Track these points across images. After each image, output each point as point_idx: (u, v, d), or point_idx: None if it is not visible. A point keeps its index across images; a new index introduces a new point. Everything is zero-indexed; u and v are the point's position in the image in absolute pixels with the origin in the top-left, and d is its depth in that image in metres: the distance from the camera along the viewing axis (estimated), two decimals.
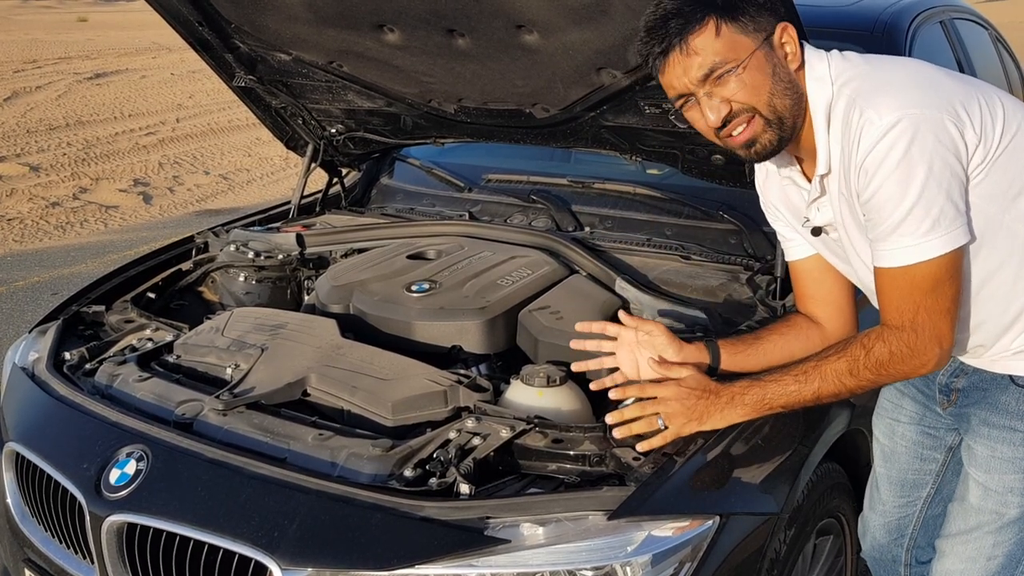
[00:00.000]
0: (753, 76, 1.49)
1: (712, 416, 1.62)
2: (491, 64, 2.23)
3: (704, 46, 1.47)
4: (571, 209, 2.63)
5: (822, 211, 1.65)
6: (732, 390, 1.62)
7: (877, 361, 1.53)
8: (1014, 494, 1.66)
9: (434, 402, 1.79)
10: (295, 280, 2.64)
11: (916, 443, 1.92)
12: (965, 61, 3.41)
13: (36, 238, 6.89)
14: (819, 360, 1.59)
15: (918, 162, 1.41)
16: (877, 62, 1.55)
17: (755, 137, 1.53)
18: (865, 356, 1.54)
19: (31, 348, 2.22)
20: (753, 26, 1.48)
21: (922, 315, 1.49)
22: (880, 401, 1.99)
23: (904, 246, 1.45)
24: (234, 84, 2.68)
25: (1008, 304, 1.58)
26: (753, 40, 1.48)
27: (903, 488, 1.97)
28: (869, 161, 1.44)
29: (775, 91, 1.50)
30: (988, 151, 1.47)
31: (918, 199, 1.41)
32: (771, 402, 1.61)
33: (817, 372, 1.58)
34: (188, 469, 1.66)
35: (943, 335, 1.50)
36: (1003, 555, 1.68)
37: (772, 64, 1.50)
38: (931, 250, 1.44)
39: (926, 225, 1.43)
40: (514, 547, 1.47)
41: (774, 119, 1.51)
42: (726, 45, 1.47)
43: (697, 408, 1.62)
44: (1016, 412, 1.64)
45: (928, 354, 1.51)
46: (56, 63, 17.49)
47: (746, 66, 1.48)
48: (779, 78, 1.51)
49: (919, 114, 1.42)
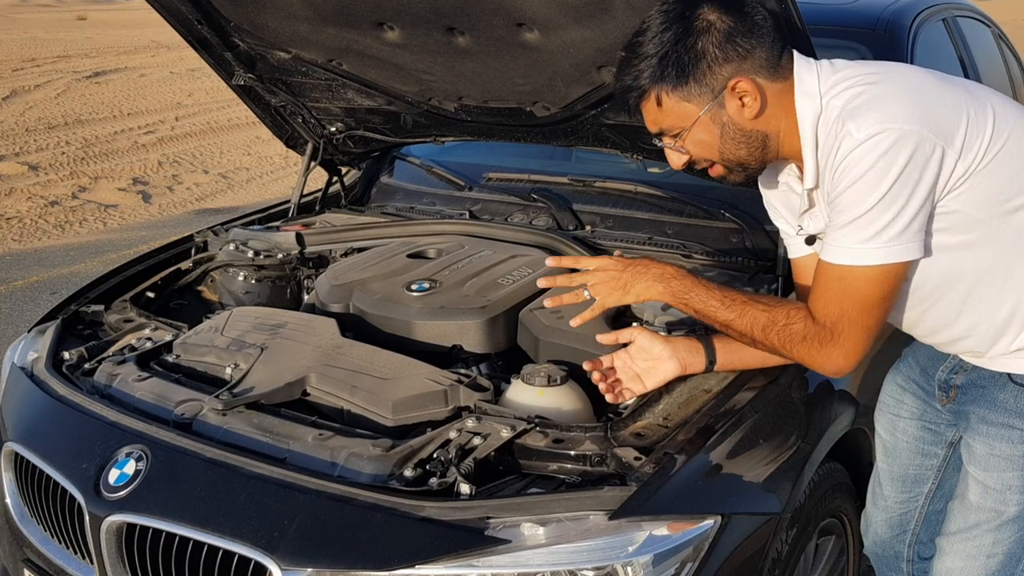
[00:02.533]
0: (700, 137, 1.58)
1: (636, 286, 1.67)
2: (491, 62, 2.22)
3: (649, 115, 1.60)
4: (572, 208, 2.63)
5: (813, 221, 1.67)
6: (665, 270, 1.67)
7: (790, 335, 1.57)
8: (1013, 492, 1.66)
9: (434, 402, 1.78)
10: (295, 279, 2.64)
11: (917, 438, 1.92)
12: (967, 59, 3.41)
13: (35, 237, 6.88)
14: (749, 299, 1.63)
15: (885, 173, 1.42)
16: (870, 71, 1.54)
17: (721, 177, 1.64)
18: (784, 324, 1.57)
19: (30, 348, 2.21)
20: (698, 90, 1.53)
21: (844, 323, 1.52)
22: (882, 396, 2.00)
23: (845, 246, 1.48)
24: (233, 82, 2.67)
25: (999, 305, 1.58)
26: (697, 105, 1.54)
27: (904, 483, 1.98)
28: (842, 167, 1.46)
29: (724, 148, 1.58)
30: (969, 165, 1.47)
31: (873, 206, 1.43)
32: (689, 302, 1.65)
33: (739, 307, 1.62)
34: (187, 469, 1.65)
35: (854, 350, 1.53)
36: (1003, 553, 1.68)
37: (720, 124, 1.55)
38: (866, 257, 1.46)
39: (869, 232, 1.45)
40: (515, 547, 1.46)
41: (734, 166, 1.61)
42: (669, 114, 1.57)
43: (622, 278, 1.68)
44: (1014, 410, 1.65)
45: (833, 361, 1.55)
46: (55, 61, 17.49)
47: (691, 130, 1.56)
48: (728, 136, 1.56)
49: (898, 128, 1.42)
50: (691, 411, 1.72)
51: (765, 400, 1.76)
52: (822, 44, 1.64)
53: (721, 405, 1.71)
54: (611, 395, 1.71)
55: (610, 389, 1.71)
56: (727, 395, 1.74)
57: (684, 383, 1.78)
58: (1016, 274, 1.56)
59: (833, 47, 1.64)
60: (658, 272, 1.67)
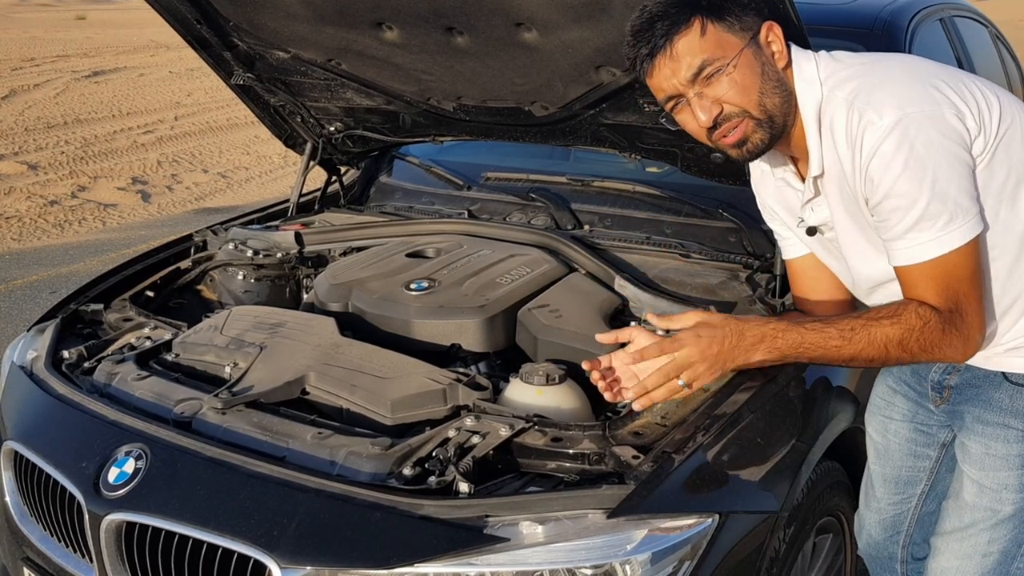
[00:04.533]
0: (743, 75, 1.50)
1: (736, 359, 1.57)
2: (490, 62, 2.23)
3: (691, 46, 1.48)
4: (570, 207, 2.63)
5: (816, 211, 1.66)
6: (763, 330, 1.56)
7: (931, 336, 1.49)
8: (1009, 491, 1.66)
9: (433, 400, 1.79)
10: (294, 278, 2.64)
11: (909, 440, 1.92)
12: (965, 59, 3.41)
13: (34, 236, 6.88)
14: (868, 321, 1.53)
15: (925, 159, 1.41)
16: (869, 61, 1.55)
17: (746, 137, 1.54)
18: (921, 328, 1.50)
19: (29, 347, 2.21)
20: (739, 25, 1.49)
21: (964, 301, 1.49)
22: (872, 398, 1.99)
23: (923, 241, 1.45)
24: (232, 82, 2.68)
25: (1000, 298, 1.58)
26: (740, 39, 1.49)
27: (897, 485, 1.97)
28: (875, 165, 1.44)
29: (764, 90, 1.51)
30: (987, 141, 1.47)
31: (932, 196, 1.42)
32: (806, 351, 1.55)
33: (865, 333, 1.52)
34: (187, 468, 1.65)
35: (982, 321, 1.52)
36: (998, 552, 1.68)
37: (760, 63, 1.51)
38: (951, 242, 1.45)
39: (943, 219, 1.43)
40: (513, 545, 1.47)
41: (764, 119, 1.53)
42: (713, 44, 1.48)
43: (721, 355, 1.56)
44: (1010, 409, 1.64)
45: (973, 338, 1.52)
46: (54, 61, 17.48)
47: (735, 64, 1.49)
48: (768, 77, 1.52)
49: (919, 111, 1.42)
50: (689, 410, 1.72)
51: (763, 399, 1.76)
52: (820, 44, 1.64)
53: (719, 404, 1.71)
54: (610, 394, 1.70)
55: (609, 388, 1.70)
56: (725, 394, 1.74)
57: None
58: (1017, 270, 1.56)
59: (831, 47, 1.64)
60: (757, 337, 1.55)
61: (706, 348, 1.55)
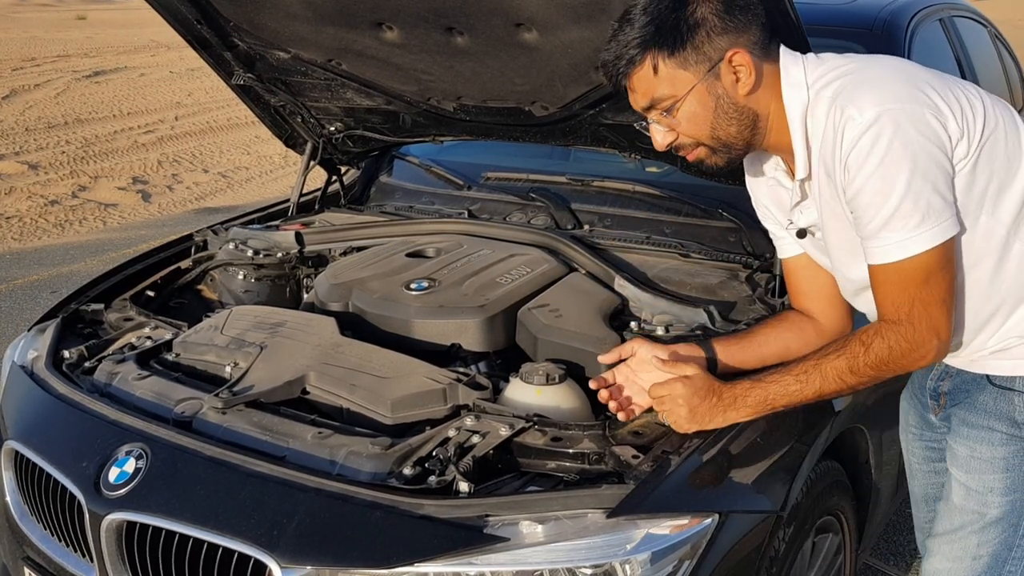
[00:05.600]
0: (693, 110, 1.54)
1: (714, 419, 1.63)
2: (490, 62, 2.23)
3: (643, 83, 1.54)
4: (570, 207, 2.63)
5: (805, 213, 1.66)
6: (734, 391, 1.62)
7: (877, 358, 1.52)
8: (994, 494, 1.65)
9: (433, 400, 1.79)
10: (294, 278, 2.64)
11: (924, 458, 1.91)
12: (964, 59, 3.41)
13: (35, 236, 6.89)
14: (819, 358, 1.58)
15: (901, 156, 1.40)
16: (856, 61, 1.55)
17: (701, 159, 1.60)
18: (864, 353, 1.53)
19: (30, 346, 2.22)
20: (696, 57, 1.50)
21: (917, 307, 1.48)
22: (901, 415, 1.98)
23: (894, 241, 1.45)
24: (233, 82, 2.68)
25: (985, 302, 1.57)
26: (693, 74, 1.51)
27: (928, 503, 1.96)
28: (852, 158, 1.44)
29: (717, 123, 1.55)
30: (970, 145, 1.46)
31: (905, 194, 1.41)
32: (773, 402, 1.61)
33: (818, 371, 1.57)
34: (187, 467, 1.66)
35: (940, 326, 1.50)
36: (988, 555, 1.67)
37: (715, 96, 1.53)
38: (922, 243, 1.44)
39: (915, 219, 1.43)
40: (513, 545, 1.47)
41: (719, 146, 1.58)
42: (666, 82, 1.52)
43: (700, 410, 1.62)
44: (994, 411, 1.64)
45: (927, 346, 1.50)
46: (55, 61, 17.48)
47: (685, 100, 1.53)
48: (722, 109, 1.54)
49: (899, 108, 1.42)
50: None
51: None
52: (819, 44, 1.64)
53: None
54: (623, 414, 1.70)
55: (621, 408, 1.70)
56: None
57: None
58: (999, 275, 1.56)
59: (830, 47, 1.64)
60: (730, 399, 1.62)
61: (692, 397, 1.62)
